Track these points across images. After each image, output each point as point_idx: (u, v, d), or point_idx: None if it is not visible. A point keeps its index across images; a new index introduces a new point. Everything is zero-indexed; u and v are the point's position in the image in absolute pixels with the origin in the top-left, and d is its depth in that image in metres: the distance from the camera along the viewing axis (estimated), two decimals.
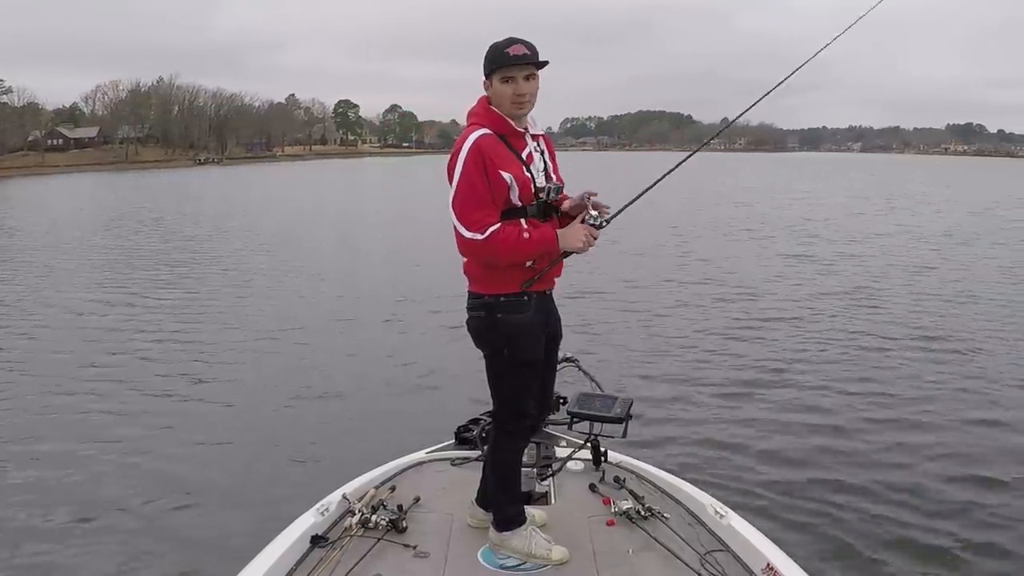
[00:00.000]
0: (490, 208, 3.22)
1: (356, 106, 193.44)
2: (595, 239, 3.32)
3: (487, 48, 3.30)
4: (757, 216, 31.49)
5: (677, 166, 3.60)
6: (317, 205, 40.42)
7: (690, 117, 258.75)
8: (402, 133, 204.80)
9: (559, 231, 3.33)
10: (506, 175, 3.23)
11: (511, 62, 3.23)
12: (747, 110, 4.11)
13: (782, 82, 3.85)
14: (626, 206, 3.46)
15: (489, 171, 3.20)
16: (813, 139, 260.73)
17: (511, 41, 3.26)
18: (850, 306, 13.82)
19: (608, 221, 3.36)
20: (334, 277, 17.69)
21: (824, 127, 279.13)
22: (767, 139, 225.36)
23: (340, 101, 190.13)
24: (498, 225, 3.21)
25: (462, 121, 3.51)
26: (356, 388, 9.40)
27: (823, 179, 67.33)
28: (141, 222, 30.87)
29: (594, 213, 3.33)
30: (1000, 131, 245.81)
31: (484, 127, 3.28)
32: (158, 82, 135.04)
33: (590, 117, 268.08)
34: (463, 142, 3.24)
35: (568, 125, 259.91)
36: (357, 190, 56.87)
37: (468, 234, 3.20)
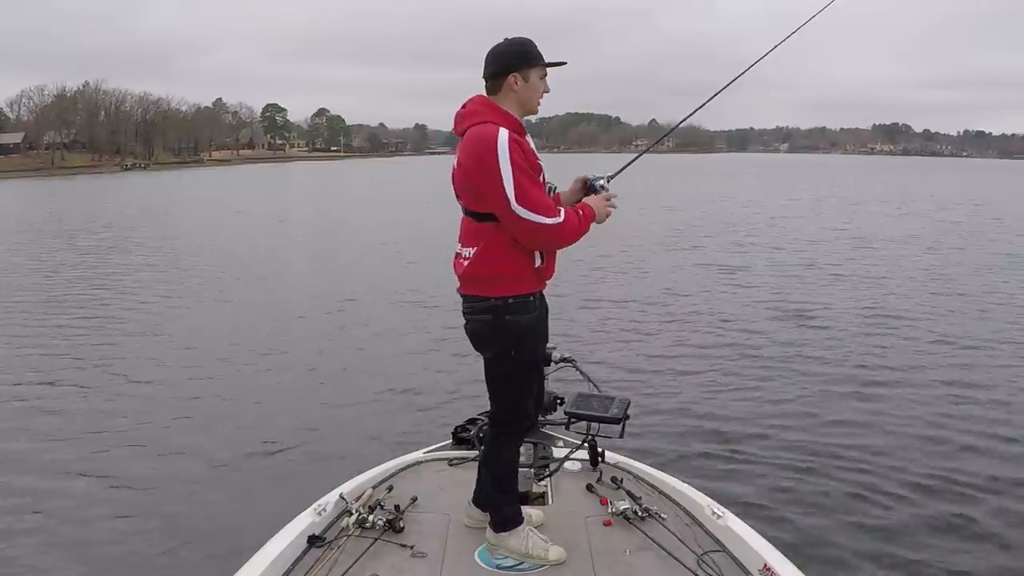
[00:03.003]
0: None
1: (284, 110, 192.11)
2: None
3: (512, 44, 3.29)
4: (757, 220, 31.64)
5: (659, 140, 3.75)
6: (279, 212, 39.25)
7: (618, 119, 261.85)
8: (330, 137, 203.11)
9: (592, 206, 3.36)
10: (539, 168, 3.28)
11: (554, 63, 3.32)
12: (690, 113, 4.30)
13: (730, 83, 4.01)
14: (622, 169, 3.62)
15: (530, 161, 3.20)
16: (741, 140, 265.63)
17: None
18: (851, 306, 13.99)
19: (609, 180, 3.52)
20: (324, 280, 17.59)
21: (751, 128, 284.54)
22: (695, 140, 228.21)
23: (268, 105, 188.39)
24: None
25: (391, 125, 3.52)
26: (353, 388, 9.39)
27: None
28: (58, 236, 28.24)
29: (602, 181, 3.46)
30: (926, 131, 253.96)
31: (500, 125, 3.19)
32: (84, 87, 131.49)
33: None
34: (492, 140, 3.11)
35: None
36: (307, 195, 56.20)
37: (549, 220, 3.14)
